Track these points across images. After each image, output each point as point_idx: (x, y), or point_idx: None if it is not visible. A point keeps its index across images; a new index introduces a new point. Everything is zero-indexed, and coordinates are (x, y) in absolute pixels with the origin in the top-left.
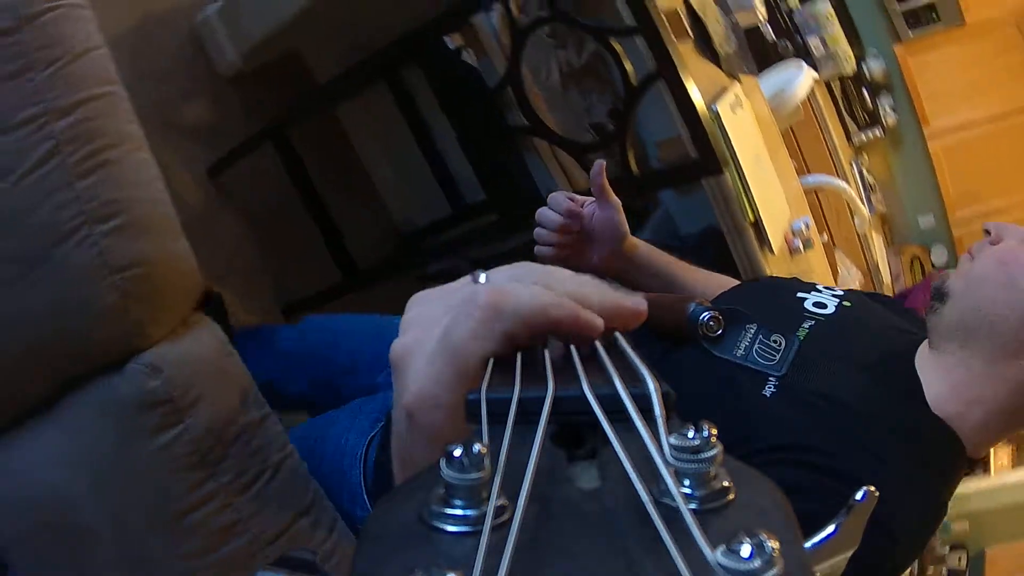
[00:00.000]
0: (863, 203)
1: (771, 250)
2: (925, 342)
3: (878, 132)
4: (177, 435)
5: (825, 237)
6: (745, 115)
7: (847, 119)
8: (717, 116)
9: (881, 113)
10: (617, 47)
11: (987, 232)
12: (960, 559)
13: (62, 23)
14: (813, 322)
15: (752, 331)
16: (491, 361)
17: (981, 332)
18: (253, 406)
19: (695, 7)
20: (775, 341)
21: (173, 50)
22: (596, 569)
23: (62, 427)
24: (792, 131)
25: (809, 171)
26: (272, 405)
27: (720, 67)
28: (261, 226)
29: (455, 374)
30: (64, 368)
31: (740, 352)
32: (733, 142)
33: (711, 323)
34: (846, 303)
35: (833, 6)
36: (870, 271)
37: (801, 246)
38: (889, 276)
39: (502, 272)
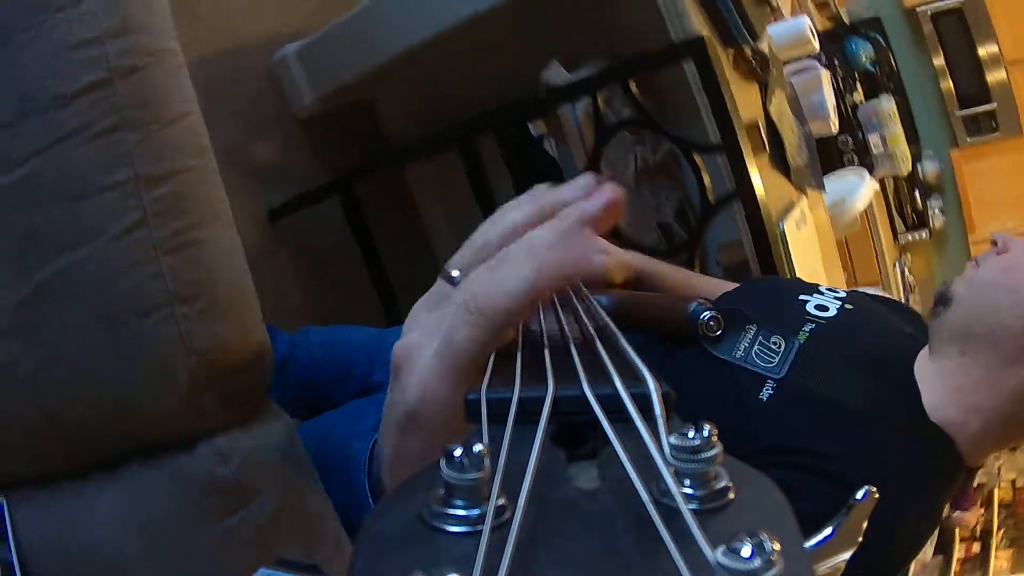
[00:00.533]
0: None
1: None
2: (926, 347)
3: (924, 234)
4: (240, 520)
5: None
6: (808, 231)
7: (896, 218)
8: (783, 235)
9: (929, 215)
10: (698, 160)
11: (994, 243)
12: None
13: (157, 77)
14: (814, 325)
15: (752, 332)
16: (492, 358)
17: (983, 339)
18: (313, 495)
19: (773, 118)
20: (775, 343)
21: (248, 84)
22: (596, 569)
23: (125, 490)
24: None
25: (856, 276)
26: None
27: (790, 179)
28: (314, 272)
29: (459, 373)
30: (135, 434)
31: (739, 353)
32: (793, 260)
33: (711, 323)
34: (848, 305)
35: (897, 105)
36: None
37: None
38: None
39: (468, 259)
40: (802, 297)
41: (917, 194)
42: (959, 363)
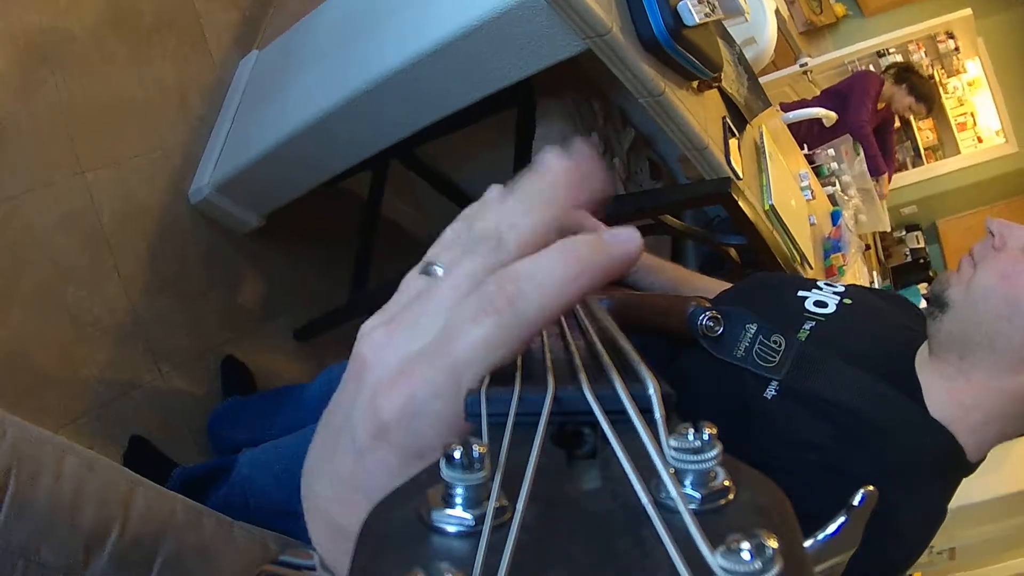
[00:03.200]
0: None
1: (809, 265)
2: (925, 344)
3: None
4: None
5: None
6: (774, 157)
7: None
8: (773, 210)
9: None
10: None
11: (991, 233)
12: (918, 237)
13: None
14: (814, 323)
15: (752, 331)
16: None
17: (981, 346)
18: None
19: (729, 94)
20: (775, 341)
21: (184, 234)
22: (595, 570)
23: None
24: None
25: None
26: None
27: (745, 116)
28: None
29: (455, 387)
30: None
31: (740, 353)
32: (779, 210)
33: (710, 323)
34: (847, 300)
35: None
36: None
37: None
38: (785, 4)
39: (456, 253)
40: (800, 293)
41: None
42: (958, 367)
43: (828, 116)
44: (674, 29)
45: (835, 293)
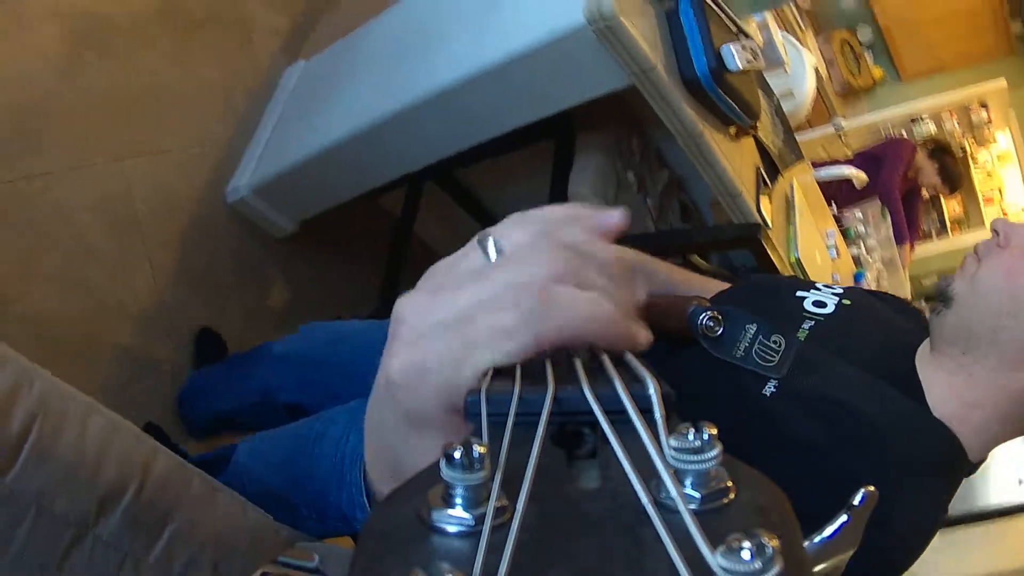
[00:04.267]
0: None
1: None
2: (926, 341)
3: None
4: None
5: None
6: (803, 211)
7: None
8: (798, 263)
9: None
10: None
11: (995, 232)
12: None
13: None
14: (813, 322)
15: (752, 331)
16: None
17: (984, 342)
18: None
19: (765, 144)
20: (775, 341)
21: (223, 236)
22: (595, 569)
23: None
24: None
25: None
26: (269, 418)
27: (778, 166)
28: None
29: (463, 361)
30: None
31: (740, 353)
32: (804, 263)
33: (711, 323)
34: (846, 301)
35: None
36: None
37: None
38: (824, 64)
39: (518, 236)
40: (799, 294)
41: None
42: (960, 362)
43: (859, 178)
44: (716, 71)
45: (834, 294)
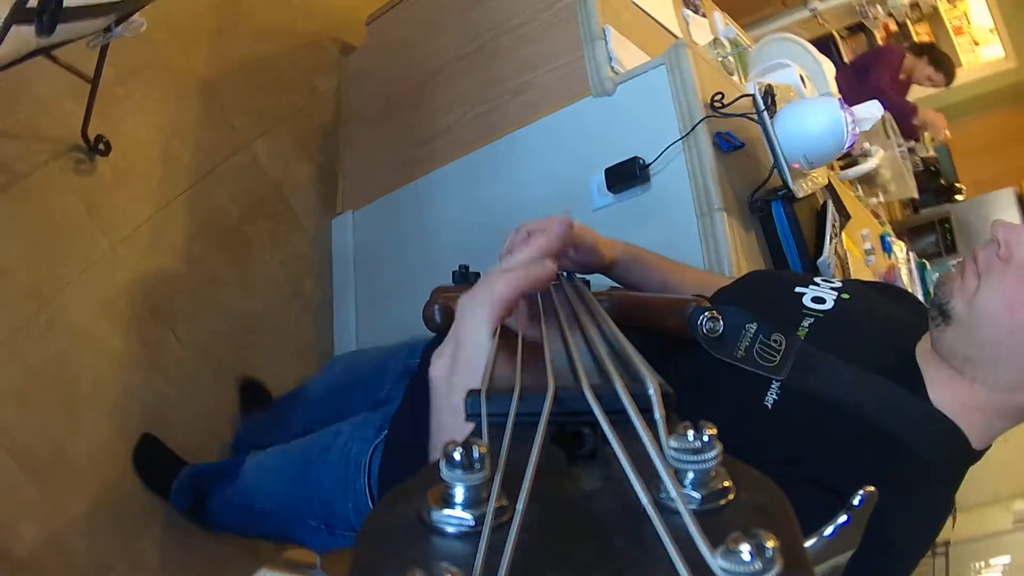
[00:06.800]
0: None
1: None
2: (927, 335)
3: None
4: None
5: None
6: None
7: None
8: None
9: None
10: None
11: (996, 239)
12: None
13: None
14: (813, 319)
15: (752, 331)
16: (494, 359)
17: (983, 366)
18: None
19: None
20: (775, 341)
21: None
22: (595, 570)
23: None
24: None
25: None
26: None
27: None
28: None
29: (490, 318)
30: None
31: (740, 353)
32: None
33: (711, 324)
34: (844, 295)
35: None
36: None
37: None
38: None
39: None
40: (798, 290)
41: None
42: (962, 371)
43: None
44: None
45: (832, 289)
